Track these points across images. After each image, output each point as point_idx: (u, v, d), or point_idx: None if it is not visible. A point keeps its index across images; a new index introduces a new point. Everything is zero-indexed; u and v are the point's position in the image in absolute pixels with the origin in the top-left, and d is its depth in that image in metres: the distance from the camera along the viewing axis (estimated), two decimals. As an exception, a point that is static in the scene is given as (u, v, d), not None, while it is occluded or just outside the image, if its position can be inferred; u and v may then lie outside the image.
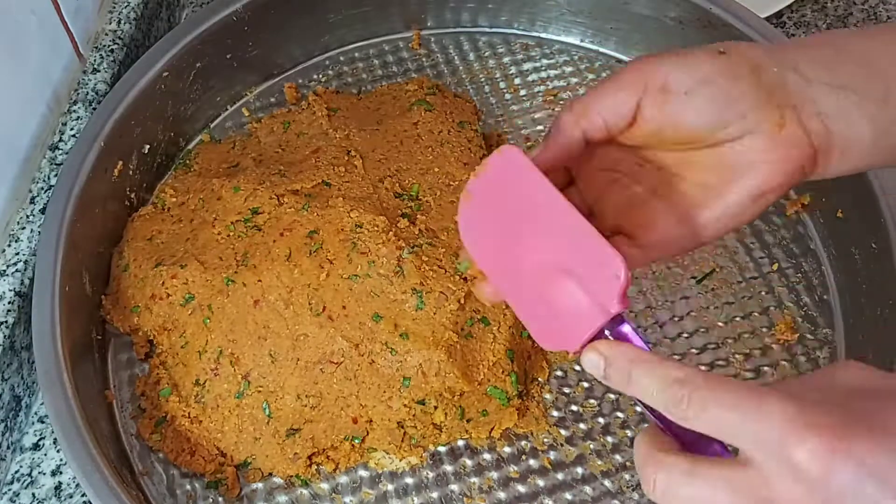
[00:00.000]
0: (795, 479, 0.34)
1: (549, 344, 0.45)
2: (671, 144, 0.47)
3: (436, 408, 0.65)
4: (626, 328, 0.42)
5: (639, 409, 0.68)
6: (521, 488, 0.65)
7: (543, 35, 0.88)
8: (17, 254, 0.67)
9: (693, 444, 0.39)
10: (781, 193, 0.46)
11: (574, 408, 0.69)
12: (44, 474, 0.65)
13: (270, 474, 0.66)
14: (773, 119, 0.44)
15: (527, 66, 0.87)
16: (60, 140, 0.73)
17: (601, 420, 0.68)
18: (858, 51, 0.45)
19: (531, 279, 0.44)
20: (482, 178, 0.46)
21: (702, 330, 0.72)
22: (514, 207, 0.45)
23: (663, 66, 0.45)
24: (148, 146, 0.77)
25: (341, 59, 0.88)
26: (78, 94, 0.76)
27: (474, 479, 0.66)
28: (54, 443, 0.66)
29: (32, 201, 0.70)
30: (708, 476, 0.36)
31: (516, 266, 0.45)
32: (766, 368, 0.70)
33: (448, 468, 0.66)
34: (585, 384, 0.69)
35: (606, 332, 0.42)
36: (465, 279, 0.66)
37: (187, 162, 0.80)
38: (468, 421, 0.66)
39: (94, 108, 0.75)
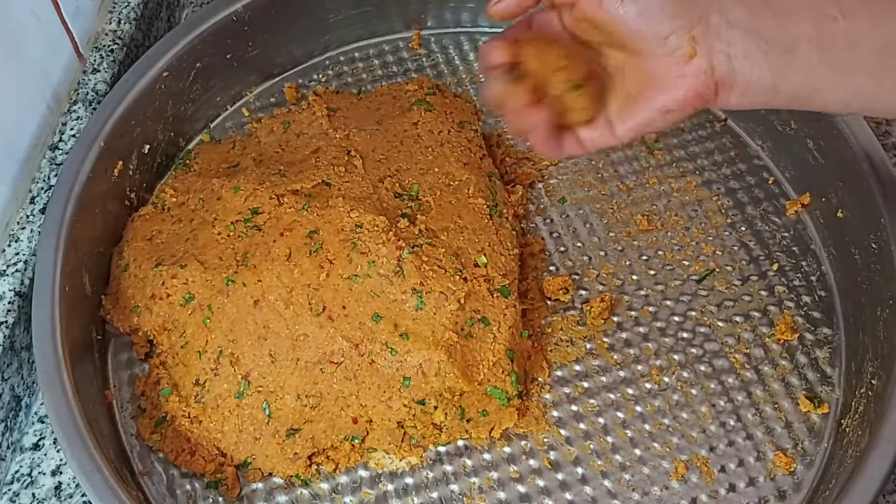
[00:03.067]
0: None
1: None
2: (608, 38, 0.52)
3: (436, 408, 0.65)
4: None
5: (639, 408, 0.68)
6: (521, 488, 0.65)
7: (543, 35, 0.88)
8: (17, 254, 0.67)
9: None
10: (685, 114, 0.52)
11: (574, 408, 0.69)
12: (44, 474, 0.65)
13: (270, 474, 0.66)
14: (686, 49, 0.50)
15: (527, 65, 0.87)
16: (60, 140, 0.73)
17: (601, 420, 0.68)
18: (780, 5, 0.50)
19: None
20: None
21: (702, 330, 0.72)
22: None
23: None
24: (148, 146, 0.77)
25: (341, 59, 0.88)
26: (78, 94, 0.76)
27: (474, 479, 0.66)
28: (54, 443, 0.66)
29: (32, 201, 0.70)
30: None
31: None
32: (765, 368, 0.70)
33: (448, 468, 0.66)
34: (585, 384, 0.69)
35: None
36: (465, 279, 0.67)
37: (187, 162, 0.80)
38: (468, 421, 0.66)
39: (94, 108, 0.75)
